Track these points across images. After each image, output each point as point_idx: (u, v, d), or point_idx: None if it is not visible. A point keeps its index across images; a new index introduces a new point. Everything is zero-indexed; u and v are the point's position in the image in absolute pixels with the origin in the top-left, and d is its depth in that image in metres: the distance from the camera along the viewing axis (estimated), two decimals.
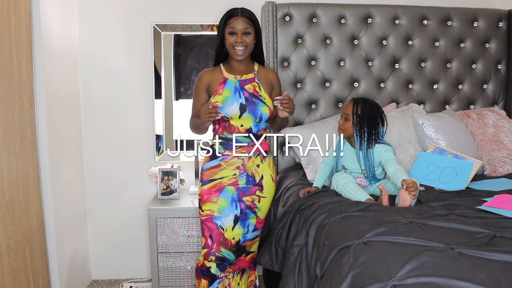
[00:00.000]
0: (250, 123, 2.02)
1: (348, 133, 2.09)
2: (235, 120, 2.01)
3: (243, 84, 2.03)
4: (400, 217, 1.59)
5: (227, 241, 2.03)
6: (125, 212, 2.84)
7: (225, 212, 2.02)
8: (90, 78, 2.73)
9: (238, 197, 2.03)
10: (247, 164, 2.03)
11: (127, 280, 2.88)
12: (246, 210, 2.05)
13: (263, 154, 2.06)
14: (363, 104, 2.06)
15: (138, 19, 2.71)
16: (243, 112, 1.99)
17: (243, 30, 1.97)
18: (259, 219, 2.10)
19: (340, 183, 1.98)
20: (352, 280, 1.29)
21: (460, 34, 2.69)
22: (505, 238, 1.39)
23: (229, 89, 2.01)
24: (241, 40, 1.96)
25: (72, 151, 2.62)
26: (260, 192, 2.07)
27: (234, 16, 1.98)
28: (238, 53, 1.98)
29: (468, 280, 1.11)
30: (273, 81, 2.12)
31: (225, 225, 2.03)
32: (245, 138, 2.03)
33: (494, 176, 2.35)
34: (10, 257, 1.95)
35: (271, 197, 2.14)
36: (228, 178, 2.03)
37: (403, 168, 1.96)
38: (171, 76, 2.75)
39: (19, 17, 2.04)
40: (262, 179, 2.06)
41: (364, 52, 2.64)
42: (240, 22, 1.97)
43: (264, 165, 2.07)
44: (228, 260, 2.06)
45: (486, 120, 2.48)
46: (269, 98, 2.05)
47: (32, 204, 2.16)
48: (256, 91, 2.03)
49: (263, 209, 2.10)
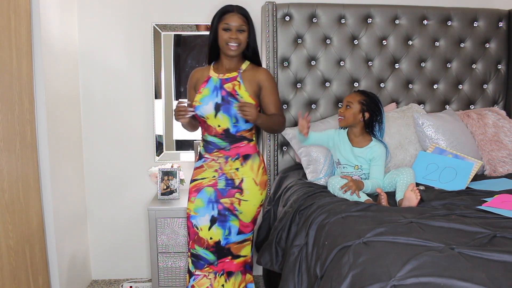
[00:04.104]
0: (227, 124, 1.96)
1: (349, 121, 2.13)
2: (212, 120, 1.97)
3: (224, 83, 1.97)
4: (400, 217, 1.59)
5: (202, 240, 2.02)
6: (125, 212, 2.84)
7: (200, 212, 2.01)
8: (90, 78, 2.73)
9: (215, 198, 2.01)
10: (224, 168, 2.00)
11: (127, 280, 2.88)
12: (225, 211, 2.01)
13: (243, 158, 2.00)
14: (366, 93, 2.17)
15: (138, 19, 2.71)
16: (218, 112, 1.94)
17: (238, 27, 1.92)
18: (243, 223, 2.04)
19: (336, 186, 1.99)
20: (352, 280, 1.29)
21: (460, 34, 2.69)
22: (505, 238, 1.39)
23: (209, 88, 1.98)
24: (235, 37, 1.92)
25: (72, 151, 2.62)
26: (240, 195, 2.00)
27: (229, 12, 1.93)
28: (231, 48, 1.93)
29: (468, 280, 1.11)
30: (261, 81, 1.99)
31: (199, 224, 2.02)
32: (222, 142, 1.99)
33: (494, 176, 2.35)
34: (10, 257, 1.95)
35: (256, 201, 2.04)
36: (208, 179, 2.03)
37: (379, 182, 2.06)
38: (171, 76, 2.75)
39: (19, 17, 2.04)
40: (242, 182, 2.00)
41: (364, 52, 2.63)
42: (236, 18, 1.92)
43: (245, 169, 2.00)
44: (206, 259, 2.04)
45: (486, 120, 2.48)
46: (249, 97, 1.96)
47: (32, 204, 2.15)
48: (235, 89, 1.95)
49: (246, 212, 2.03)
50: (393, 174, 2.08)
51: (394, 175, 2.06)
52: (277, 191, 2.42)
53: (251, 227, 2.09)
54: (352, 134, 2.17)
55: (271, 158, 2.60)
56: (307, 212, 1.87)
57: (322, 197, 1.96)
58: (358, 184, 1.98)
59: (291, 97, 2.62)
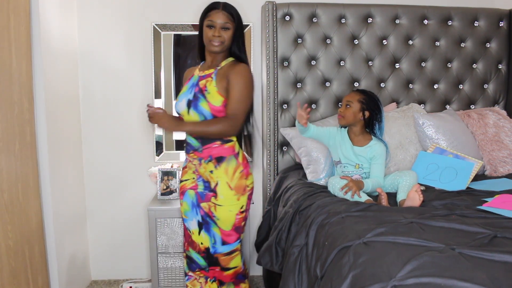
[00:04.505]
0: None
1: (349, 120, 2.14)
2: (186, 117, 1.91)
3: (200, 80, 1.90)
4: (401, 217, 1.59)
5: (195, 243, 1.99)
6: (125, 212, 2.84)
7: (188, 215, 2.00)
8: (89, 78, 2.73)
9: (197, 202, 1.96)
10: (200, 170, 1.95)
11: (126, 280, 2.88)
12: (206, 217, 1.94)
13: (216, 160, 1.89)
14: (365, 92, 2.19)
15: (138, 19, 2.70)
16: (189, 109, 1.88)
17: (222, 25, 1.84)
18: (223, 231, 1.92)
19: (336, 186, 1.99)
20: (352, 280, 1.28)
21: (461, 34, 2.69)
22: (505, 238, 1.38)
23: (187, 85, 1.96)
24: (218, 34, 1.84)
25: (71, 151, 2.62)
26: (215, 199, 1.90)
27: (214, 9, 1.86)
28: (213, 45, 1.85)
29: (468, 280, 1.10)
30: (230, 75, 1.83)
31: (191, 228, 2.00)
32: (196, 142, 1.91)
33: (494, 176, 2.34)
34: (9, 258, 1.95)
35: (233, 207, 1.90)
36: (190, 181, 2.00)
37: (379, 181, 2.07)
38: (171, 76, 2.75)
39: (19, 17, 2.04)
40: (216, 186, 1.90)
41: (365, 52, 2.63)
42: (220, 15, 1.84)
43: (219, 172, 1.89)
44: (197, 264, 2.01)
45: (487, 120, 2.47)
46: (216, 93, 1.84)
47: (31, 205, 2.15)
48: (206, 86, 1.86)
49: (223, 219, 1.90)
50: (395, 176, 2.07)
51: (396, 177, 2.06)
52: (277, 191, 2.41)
53: (235, 236, 1.94)
54: (352, 133, 2.17)
55: (271, 158, 2.59)
56: (307, 212, 1.87)
57: (322, 197, 1.96)
58: (358, 184, 1.97)
59: (291, 97, 2.62)
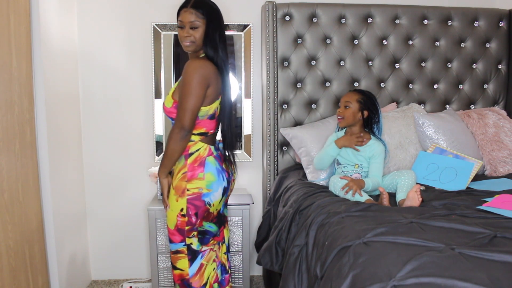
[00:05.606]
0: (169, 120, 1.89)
1: (349, 120, 2.15)
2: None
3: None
4: (401, 217, 1.59)
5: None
6: (125, 212, 2.84)
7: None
8: (89, 78, 2.73)
9: None
10: None
11: (126, 280, 2.88)
12: None
13: None
14: (362, 92, 2.19)
15: (138, 19, 2.70)
16: None
17: (191, 24, 1.74)
18: (168, 228, 1.86)
19: (338, 185, 1.99)
20: (353, 280, 1.28)
21: (461, 34, 2.69)
22: (505, 238, 1.38)
23: None
24: (186, 34, 1.75)
25: (71, 151, 2.62)
26: None
27: (183, 8, 1.77)
28: (185, 44, 1.78)
29: (468, 280, 1.10)
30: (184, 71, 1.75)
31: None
32: None
33: (494, 176, 2.34)
34: (9, 257, 1.95)
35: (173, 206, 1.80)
36: None
37: (378, 180, 2.08)
38: (171, 76, 2.75)
39: (19, 17, 2.04)
40: None
41: (364, 52, 2.63)
42: (187, 14, 1.75)
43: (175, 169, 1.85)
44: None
45: (487, 120, 2.47)
46: (170, 94, 1.82)
47: (31, 204, 2.15)
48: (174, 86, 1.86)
49: (168, 216, 1.85)
50: (394, 175, 2.08)
51: (395, 176, 2.06)
52: (277, 191, 2.41)
53: (179, 237, 1.83)
54: (351, 134, 2.17)
55: (271, 158, 2.59)
56: (307, 212, 1.87)
57: (322, 197, 1.96)
58: (359, 183, 1.98)
59: (291, 97, 2.62)
